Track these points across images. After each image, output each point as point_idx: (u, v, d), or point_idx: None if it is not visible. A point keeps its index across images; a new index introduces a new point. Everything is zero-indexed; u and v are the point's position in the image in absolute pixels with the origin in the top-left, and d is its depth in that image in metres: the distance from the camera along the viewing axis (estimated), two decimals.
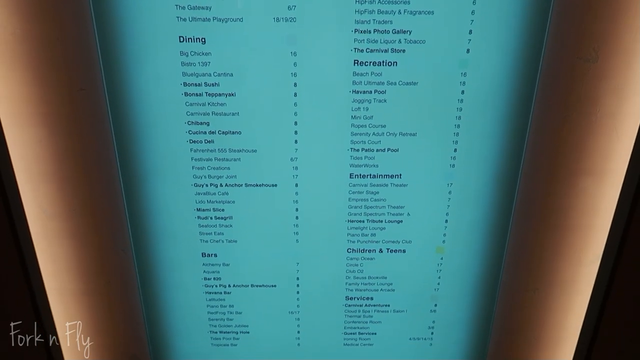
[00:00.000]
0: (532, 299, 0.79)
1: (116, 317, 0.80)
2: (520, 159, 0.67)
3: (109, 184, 0.70)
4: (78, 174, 0.70)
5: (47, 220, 0.73)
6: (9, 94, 0.64)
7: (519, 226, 0.73)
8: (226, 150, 0.66)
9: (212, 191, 0.69)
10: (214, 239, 0.72)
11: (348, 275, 0.75)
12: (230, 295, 0.76)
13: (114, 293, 0.78)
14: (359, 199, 0.69)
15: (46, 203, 0.72)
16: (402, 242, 0.72)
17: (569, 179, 0.70)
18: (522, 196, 0.70)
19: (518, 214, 0.72)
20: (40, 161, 0.69)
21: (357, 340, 0.80)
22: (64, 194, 0.71)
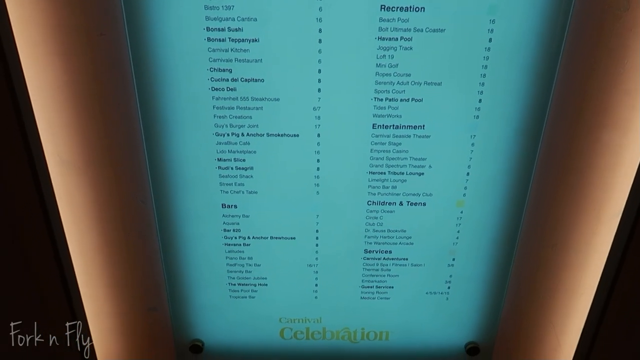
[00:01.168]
0: (550, 254, 0.79)
1: (135, 268, 0.81)
2: (545, 111, 0.66)
3: (129, 133, 0.70)
4: (98, 123, 0.70)
5: (66, 169, 0.73)
6: (28, 39, 0.63)
7: (541, 180, 0.73)
8: (248, 98, 0.65)
9: (234, 141, 0.68)
10: (235, 190, 0.72)
11: (367, 229, 0.75)
12: (250, 247, 0.76)
13: (133, 244, 0.79)
14: (381, 150, 0.69)
15: (65, 152, 0.72)
16: (422, 195, 0.72)
17: (593, 133, 0.70)
18: (544, 149, 0.70)
19: (540, 167, 0.71)
20: (60, 109, 0.69)
21: (374, 294, 0.80)
22: (84, 143, 0.71)
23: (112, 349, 0.89)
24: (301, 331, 0.84)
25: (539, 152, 0.70)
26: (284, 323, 0.83)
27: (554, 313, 0.84)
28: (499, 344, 0.87)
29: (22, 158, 0.68)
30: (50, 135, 0.70)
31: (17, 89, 0.63)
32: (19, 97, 0.64)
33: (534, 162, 0.70)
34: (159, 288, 0.82)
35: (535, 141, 0.69)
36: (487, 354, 0.86)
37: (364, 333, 0.84)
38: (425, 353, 0.86)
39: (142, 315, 0.85)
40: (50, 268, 0.76)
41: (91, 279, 0.82)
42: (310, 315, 0.83)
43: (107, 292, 0.84)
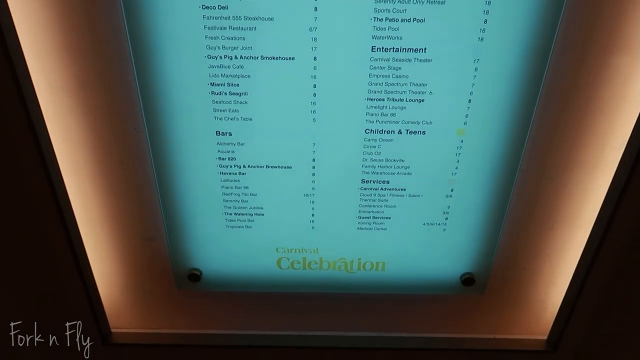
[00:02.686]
0: (550, 186, 0.78)
1: (131, 198, 0.80)
2: (553, 34, 0.63)
3: (119, 56, 0.67)
4: (86, 46, 0.67)
5: (55, 95, 0.71)
6: None
7: (545, 108, 0.70)
8: (241, 17, 0.62)
9: (227, 64, 0.65)
10: (229, 117, 0.70)
11: (365, 158, 0.73)
12: (245, 176, 0.75)
13: (127, 174, 0.78)
14: (380, 75, 0.66)
15: (54, 77, 0.69)
16: (422, 123, 0.70)
17: (603, 57, 0.67)
18: (551, 73, 0.67)
19: (545, 95, 0.69)
20: (47, 33, 0.66)
21: (371, 225, 0.80)
22: (72, 67, 0.69)
23: (112, 279, 0.90)
24: (298, 261, 0.84)
25: (544, 78, 0.67)
26: (280, 253, 0.84)
27: (550, 245, 0.84)
28: (495, 275, 0.87)
29: (8, 84, 0.66)
30: (38, 60, 0.68)
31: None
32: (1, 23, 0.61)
33: (539, 88, 0.67)
34: (155, 218, 0.82)
35: (541, 67, 0.66)
36: (482, 285, 0.87)
37: (360, 263, 0.85)
38: (421, 283, 0.86)
39: (140, 244, 0.86)
40: (46, 199, 0.76)
41: (87, 210, 0.82)
42: (307, 245, 0.83)
43: (104, 222, 0.83)
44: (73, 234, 0.81)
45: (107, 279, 0.91)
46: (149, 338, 0.97)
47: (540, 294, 0.91)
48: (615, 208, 0.76)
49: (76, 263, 0.83)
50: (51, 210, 0.77)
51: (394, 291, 0.88)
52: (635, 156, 0.71)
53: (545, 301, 0.92)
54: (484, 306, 0.93)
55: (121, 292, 0.93)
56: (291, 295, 0.91)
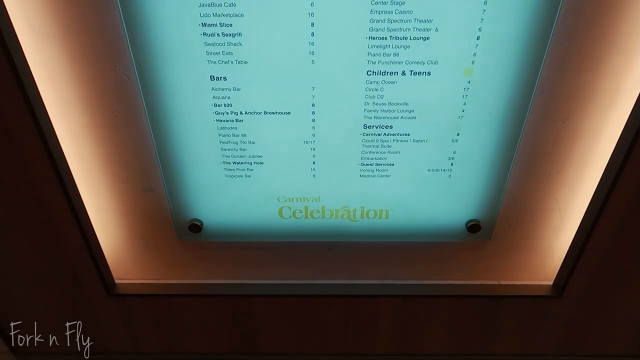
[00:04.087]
0: (561, 129, 0.74)
1: (127, 149, 0.78)
2: None
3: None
4: None
5: (40, 41, 0.67)
6: None
7: (557, 44, 0.66)
8: None
9: (218, 2, 0.61)
10: (223, 60, 0.66)
11: (367, 102, 0.70)
12: (242, 124, 0.72)
13: (121, 123, 0.75)
14: (382, 11, 0.61)
15: (37, 21, 0.66)
16: (427, 62, 0.66)
17: None
18: (565, 8, 0.62)
19: (558, 29, 0.64)
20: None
21: (373, 172, 0.77)
22: (56, 11, 0.65)
23: (113, 231, 0.90)
24: (300, 210, 0.83)
25: (558, 13, 0.62)
26: (282, 202, 0.82)
27: (559, 190, 0.82)
28: (501, 222, 0.86)
29: None
30: (20, 5, 0.64)
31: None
32: None
33: (552, 25, 0.63)
34: (152, 168, 0.80)
35: (555, 1, 0.61)
36: (488, 232, 0.85)
37: (363, 212, 0.83)
38: (425, 231, 0.85)
39: (139, 196, 0.84)
40: (40, 153, 0.74)
41: (83, 162, 0.80)
42: (309, 194, 0.81)
43: (101, 174, 0.82)
44: (70, 187, 0.79)
45: (108, 231, 0.90)
46: (153, 288, 0.97)
47: (548, 240, 0.89)
48: (627, 153, 0.73)
49: (75, 216, 0.82)
50: (46, 164, 0.75)
51: (398, 239, 0.87)
52: None
53: (552, 247, 0.90)
54: (490, 252, 0.92)
55: (123, 244, 0.92)
56: (294, 245, 0.90)
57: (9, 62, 0.65)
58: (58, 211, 0.82)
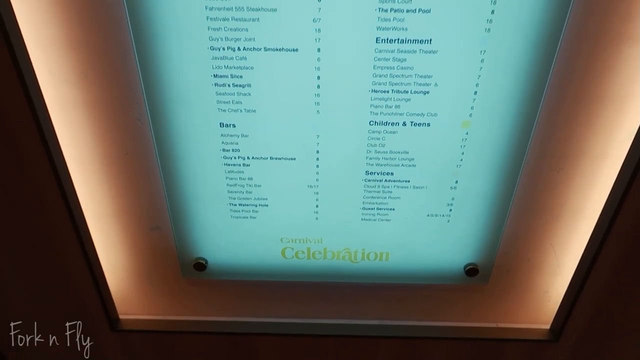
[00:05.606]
0: (556, 178, 0.77)
1: (136, 188, 0.81)
2: (562, 24, 0.62)
3: (121, 47, 0.66)
4: (89, 37, 0.66)
5: (59, 85, 0.71)
6: None
7: (551, 99, 0.69)
8: (244, 8, 0.61)
9: (230, 55, 0.65)
10: (232, 108, 0.69)
11: (369, 149, 0.73)
12: (249, 168, 0.75)
13: (132, 164, 0.78)
14: (385, 67, 0.65)
15: (56, 68, 0.69)
16: (427, 115, 0.69)
17: (613, 46, 0.65)
18: (559, 65, 0.66)
19: (552, 85, 0.68)
20: (50, 25, 0.66)
21: (375, 216, 0.80)
22: (75, 58, 0.68)
23: (119, 267, 0.91)
24: (302, 251, 0.85)
25: (552, 70, 0.66)
26: (285, 243, 0.84)
27: (555, 236, 0.84)
28: (498, 266, 0.88)
29: (11, 76, 0.66)
30: (42, 52, 0.68)
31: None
32: None
33: (546, 80, 0.66)
34: (161, 208, 0.82)
35: (548, 58, 0.65)
36: (485, 275, 0.87)
37: (364, 253, 0.85)
38: (424, 273, 0.87)
39: (146, 234, 0.86)
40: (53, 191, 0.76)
41: (94, 200, 0.82)
42: (311, 235, 0.83)
43: (110, 211, 0.84)
44: (80, 224, 0.82)
45: (115, 267, 0.92)
46: (156, 325, 0.98)
47: (544, 284, 0.91)
48: (621, 200, 0.75)
49: (83, 251, 0.84)
50: (58, 201, 0.78)
51: (397, 281, 0.88)
52: None
53: (549, 291, 0.92)
54: (487, 295, 0.93)
55: (128, 280, 0.94)
56: (296, 284, 0.92)
57: (29, 104, 0.69)
58: (67, 248, 0.84)
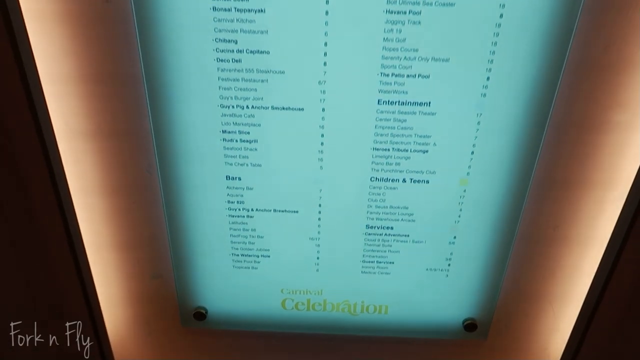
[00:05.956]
0: (552, 236, 0.79)
1: (142, 235, 0.82)
2: (554, 90, 0.65)
3: (135, 102, 0.70)
4: (104, 91, 0.70)
5: (72, 136, 0.74)
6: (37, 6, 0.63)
7: (546, 161, 0.72)
8: (253, 70, 0.65)
9: (238, 113, 0.68)
10: (239, 162, 0.72)
11: (370, 204, 0.75)
12: (253, 219, 0.77)
13: (139, 213, 0.80)
14: (386, 127, 0.68)
15: (72, 119, 0.72)
16: (426, 172, 0.72)
17: (603, 113, 0.69)
18: (552, 129, 0.69)
19: (546, 148, 0.71)
20: (66, 78, 0.69)
21: (374, 269, 0.81)
22: (90, 110, 0.72)
23: (118, 313, 0.92)
24: (302, 302, 0.86)
25: (545, 133, 0.69)
26: (285, 294, 0.85)
27: (553, 292, 0.85)
28: (497, 321, 0.88)
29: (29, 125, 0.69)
30: (58, 106, 0.71)
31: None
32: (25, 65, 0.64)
33: (540, 142, 0.69)
34: (164, 256, 0.84)
35: (542, 121, 0.68)
36: (484, 331, 0.87)
37: (363, 306, 0.85)
38: (423, 327, 0.87)
39: (148, 281, 0.87)
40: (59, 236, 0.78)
41: (99, 247, 0.83)
42: (312, 287, 0.84)
43: (114, 257, 0.85)
44: (83, 267, 0.83)
45: (114, 312, 0.92)
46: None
47: (543, 341, 0.91)
48: (617, 258, 0.77)
49: (85, 295, 0.85)
50: (63, 245, 0.79)
51: (396, 334, 0.89)
52: (634, 209, 0.72)
53: (547, 348, 0.92)
54: (486, 351, 0.93)
55: (127, 326, 0.94)
56: (295, 336, 0.92)
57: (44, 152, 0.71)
58: (68, 291, 0.84)
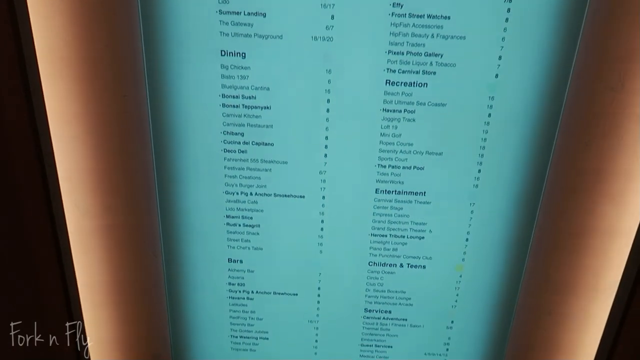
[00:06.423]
0: (548, 321, 0.80)
1: (142, 315, 0.83)
2: (542, 181, 0.69)
3: (145, 186, 0.73)
4: (115, 173, 0.73)
5: (80, 217, 0.76)
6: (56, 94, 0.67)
7: (539, 247, 0.74)
8: (258, 160, 0.69)
9: (242, 199, 0.71)
10: (241, 246, 0.74)
11: (368, 288, 0.76)
12: (253, 302, 0.78)
13: (140, 291, 0.81)
14: (383, 214, 0.71)
15: (81, 199, 0.75)
16: (422, 258, 0.74)
17: (590, 202, 0.72)
18: (543, 218, 0.72)
19: (538, 235, 0.73)
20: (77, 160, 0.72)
21: (373, 353, 0.81)
22: (100, 191, 0.74)
23: None
24: None
25: (537, 219, 0.72)
26: None
27: None
28: None
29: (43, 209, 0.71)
30: (68, 184, 0.74)
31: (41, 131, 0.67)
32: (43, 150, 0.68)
33: (532, 228, 0.72)
34: (163, 335, 0.84)
35: (534, 208, 0.71)
36: None
37: None
38: None
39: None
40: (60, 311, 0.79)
41: (99, 325, 0.84)
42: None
43: (113, 338, 0.85)
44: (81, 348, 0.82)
45: None
46: None
47: None
48: (613, 345, 0.77)
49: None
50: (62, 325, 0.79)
51: None
52: (627, 298, 0.74)
53: None
54: None
55: None
56: None
57: (53, 234, 0.74)
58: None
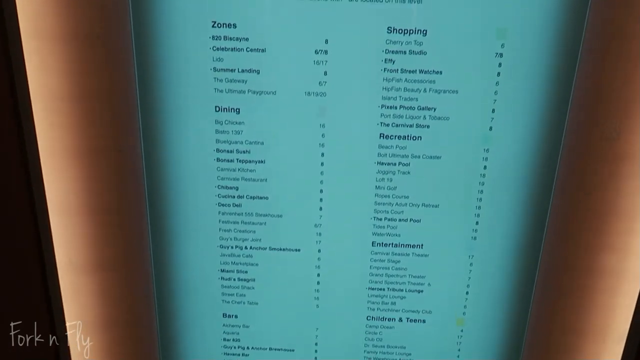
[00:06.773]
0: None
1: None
2: (542, 233, 0.68)
3: (139, 239, 0.72)
4: (110, 227, 0.72)
5: (74, 271, 0.75)
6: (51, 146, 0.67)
7: (542, 301, 0.72)
8: (253, 214, 0.68)
9: (237, 253, 0.70)
10: (236, 300, 0.73)
11: (367, 343, 0.74)
12: (248, 358, 0.76)
13: (134, 345, 0.79)
14: (380, 267, 0.70)
15: (75, 254, 0.74)
16: (422, 312, 0.72)
17: (590, 255, 0.70)
18: (543, 270, 0.70)
19: (540, 286, 0.72)
20: (73, 213, 0.72)
21: None
22: (95, 245, 0.74)
23: None
24: None
25: (538, 272, 0.70)
26: None
27: None
28: None
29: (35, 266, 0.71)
30: (64, 241, 0.73)
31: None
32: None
33: (533, 282, 0.71)
34: None
35: (534, 261, 0.70)
36: None
37: None
38: None
39: None
40: None
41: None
42: None
43: None
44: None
45: None
46: None
47: None
48: None
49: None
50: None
51: None
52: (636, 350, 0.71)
53: None
54: None
55: None
56: None
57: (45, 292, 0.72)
58: None
